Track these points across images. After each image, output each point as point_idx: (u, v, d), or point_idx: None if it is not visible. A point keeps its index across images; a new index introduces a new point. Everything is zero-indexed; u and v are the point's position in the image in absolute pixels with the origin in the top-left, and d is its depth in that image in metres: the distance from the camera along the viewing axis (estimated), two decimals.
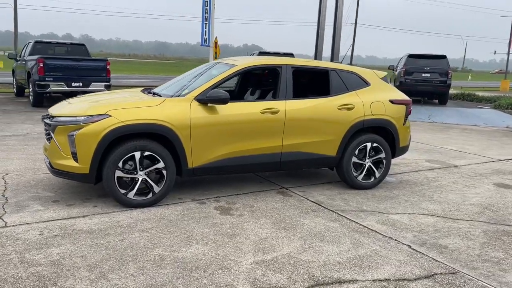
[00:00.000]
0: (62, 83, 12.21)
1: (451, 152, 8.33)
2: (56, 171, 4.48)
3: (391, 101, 5.53)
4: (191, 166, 4.66)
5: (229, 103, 4.86)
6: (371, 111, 5.37)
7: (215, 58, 23.15)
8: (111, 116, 4.32)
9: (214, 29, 22.75)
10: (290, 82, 5.13)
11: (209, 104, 4.68)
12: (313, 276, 3.25)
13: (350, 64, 54.73)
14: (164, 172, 4.56)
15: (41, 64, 11.97)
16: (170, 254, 3.50)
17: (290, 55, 18.19)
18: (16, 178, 5.37)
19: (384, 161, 5.57)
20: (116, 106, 4.44)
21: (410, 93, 17.16)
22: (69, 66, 12.29)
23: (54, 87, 12.05)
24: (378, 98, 5.47)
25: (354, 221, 4.40)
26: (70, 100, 5.07)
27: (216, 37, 24.33)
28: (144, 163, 4.50)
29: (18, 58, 14.68)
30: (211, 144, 4.69)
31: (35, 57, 12.34)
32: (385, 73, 5.86)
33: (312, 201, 4.97)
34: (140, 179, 4.48)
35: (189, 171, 4.68)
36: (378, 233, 4.13)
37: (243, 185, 5.46)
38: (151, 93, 5.11)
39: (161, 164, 4.52)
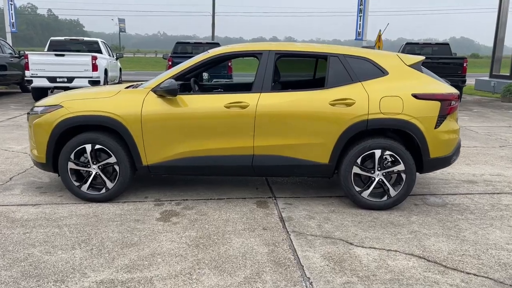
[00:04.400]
0: None
1: None
2: (32, 159, 4.66)
3: (415, 96, 4.09)
4: (146, 164, 4.29)
5: (193, 95, 4.33)
6: (380, 108, 4.07)
7: None
8: (63, 107, 4.27)
9: (368, 21, 21.36)
10: (270, 71, 4.25)
11: (168, 96, 4.22)
12: None
13: None
14: (117, 167, 4.30)
15: (170, 63, 13.06)
16: (41, 256, 3.24)
17: (446, 45, 15.61)
18: None
19: (404, 176, 4.17)
20: (71, 97, 4.37)
21: None
22: None
23: None
24: (394, 91, 4.11)
25: (293, 249, 3.38)
26: None
27: (380, 30, 22.82)
28: (102, 157, 4.33)
29: None
30: (168, 140, 4.23)
31: (169, 56, 13.54)
32: (420, 58, 4.37)
33: (280, 217, 4.04)
34: (94, 173, 4.32)
35: (144, 169, 4.32)
36: (303, 269, 3.07)
37: (231, 190, 4.81)
38: (133, 86, 4.89)
39: (112, 159, 4.28)
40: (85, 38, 14.69)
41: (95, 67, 12.28)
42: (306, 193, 4.77)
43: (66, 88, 12.41)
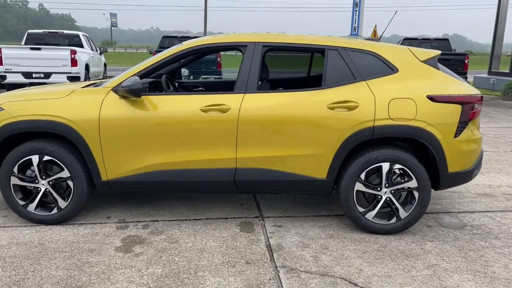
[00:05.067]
0: None
1: None
2: None
3: (431, 98, 3.38)
4: (105, 179, 3.55)
5: (164, 96, 3.59)
6: (389, 113, 3.35)
7: None
8: (3, 109, 3.52)
9: (364, 17, 20.73)
10: (257, 67, 3.52)
11: (131, 97, 3.47)
12: None
13: None
14: (71, 183, 3.55)
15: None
16: None
17: (445, 41, 14.95)
18: None
19: (416, 194, 3.46)
20: (14, 98, 3.61)
21: None
22: None
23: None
24: (405, 93, 3.39)
25: None
26: None
27: (376, 25, 22.16)
28: (53, 170, 3.58)
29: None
30: (132, 150, 3.49)
31: (154, 50, 12.80)
32: (435, 52, 3.65)
33: (267, 245, 3.32)
34: (43, 189, 3.57)
35: (104, 185, 3.57)
36: None
37: (211, 207, 4.08)
38: (95, 84, 4.13)
39: (65, 173, 3.53)
40: (65, 31, 13.84)
41: (74, 62, 11.49)
42: (299, 211, 4.05)
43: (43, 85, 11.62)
